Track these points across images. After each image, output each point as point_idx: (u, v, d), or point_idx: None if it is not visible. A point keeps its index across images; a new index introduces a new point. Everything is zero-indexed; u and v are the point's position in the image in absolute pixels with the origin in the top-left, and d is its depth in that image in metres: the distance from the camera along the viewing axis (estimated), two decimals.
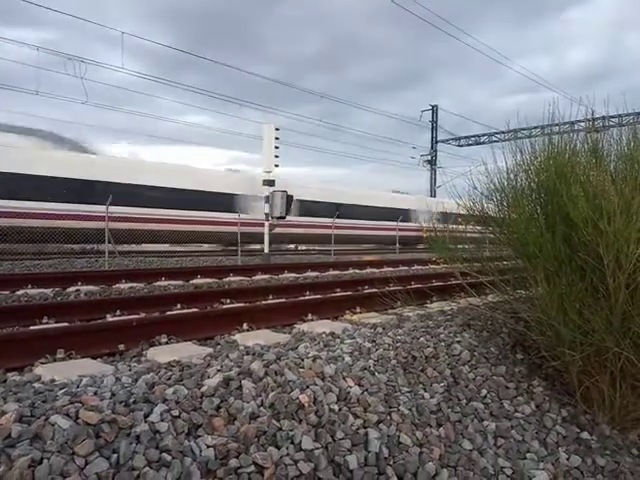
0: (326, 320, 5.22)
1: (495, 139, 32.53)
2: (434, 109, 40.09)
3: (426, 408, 2.71)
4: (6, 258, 12.30)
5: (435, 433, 2.57)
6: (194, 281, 9.17)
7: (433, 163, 40.39)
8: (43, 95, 19.21)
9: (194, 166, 22.62)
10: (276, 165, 15.47)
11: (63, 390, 2.12)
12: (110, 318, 5.52)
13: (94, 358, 3.65)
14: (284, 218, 16.12)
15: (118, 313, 5.76)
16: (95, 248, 16.15)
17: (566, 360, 3.12)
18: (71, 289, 7.58)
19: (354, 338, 3.34)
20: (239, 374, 2.38)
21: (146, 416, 1.93)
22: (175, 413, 1.99)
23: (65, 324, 4.94)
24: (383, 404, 2.57)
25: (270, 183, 15.56)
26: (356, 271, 12.51)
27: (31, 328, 4.73)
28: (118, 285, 8.20)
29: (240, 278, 9.97)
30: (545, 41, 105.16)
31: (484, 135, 36.93)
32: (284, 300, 7.06)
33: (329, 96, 32.40)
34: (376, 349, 3.12)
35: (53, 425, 1.74)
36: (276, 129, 15.47)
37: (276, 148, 15.41)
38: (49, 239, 14.83)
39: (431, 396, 2.85)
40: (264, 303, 6.62)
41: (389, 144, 62.44)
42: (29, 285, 7.68)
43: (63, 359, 3.68)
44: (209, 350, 3.55)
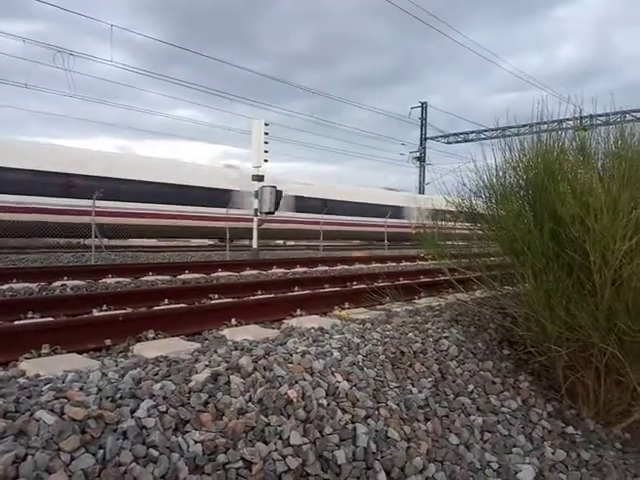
0: (315, 315, 5.21)
1: (484, 137, 32.79)
2: (423, 106, 40.23)
3: (414, 403, 2.72)
4: None
5: (423, 428, 2.59)
6: (182, 276, 9.10)
7: (422, 160, 40.55)
8: (32, 88, 18.90)
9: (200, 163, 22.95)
10: (265, 160, 15.40)
11: (48, 385, 2.09)
12: (96, 313, 5.45)
13: (80, 353, 3.60)
14: (273, 213, 16.03)
15: (105, 308, 5.70)
16: (81, 242, 15.95)
17: (552, 355, 3.15)
18: (57, 283, 7.48)
19: (343, 333, 3.34)
20: (227, 369, 2.37)
21: (133, 412, 1.91)
22: (162, 409, 1.97)
23: (50, 319, 4.88)
24: (371, 399, 2.57)
25: (259, 178, 15.48)
26: (345, 267, 12.52)
27: (15, 323, 4.65)
28: (105, 280, 8.12)
29: (228, 273, 9.91)
30: (534, 39, 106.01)
31: (473, 132, 37.19)
32: (273, 295, 7.04)
33: (320, 92, 32.26)
34: (365, 344, 3.13)
35: (38, 421, 1.71)
36: (265, 124, 15.39)
37: (265, 143, 15.34)
38: (33, 233, 14.68)
39: (419, 391, 2.87)
40: (253, 298, 6.58)
41: (379, 140, 62.56)
42: (14, 279, 7.57)
43: (48, 354, 3.63)
44: (197, 345, 3.53)
